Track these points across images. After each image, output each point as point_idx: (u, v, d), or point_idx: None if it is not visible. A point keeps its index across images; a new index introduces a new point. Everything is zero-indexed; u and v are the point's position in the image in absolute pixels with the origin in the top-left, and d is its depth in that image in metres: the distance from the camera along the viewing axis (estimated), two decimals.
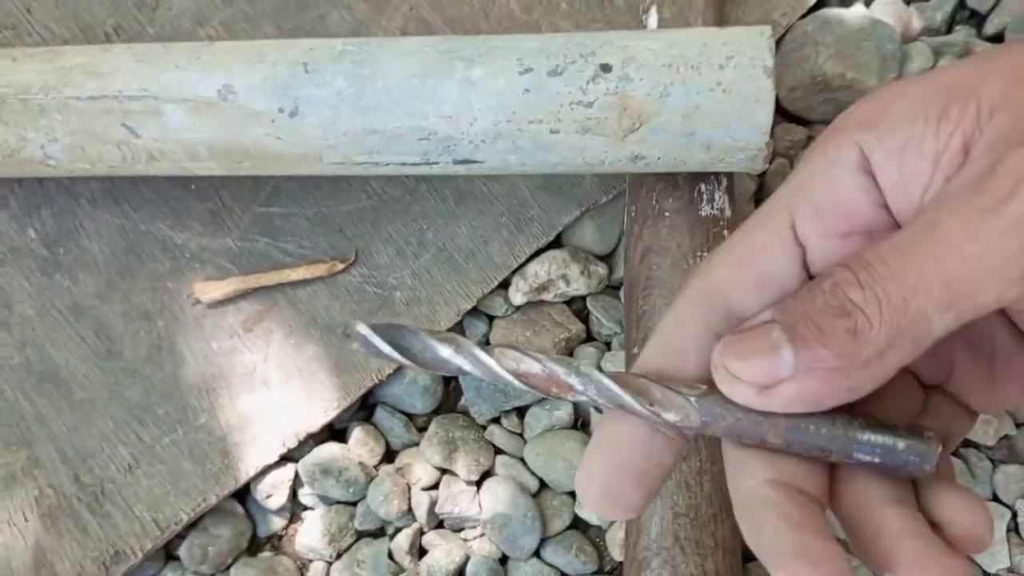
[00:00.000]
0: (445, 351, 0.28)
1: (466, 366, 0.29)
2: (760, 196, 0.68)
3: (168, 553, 0.64)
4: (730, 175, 0.61)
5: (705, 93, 0.52)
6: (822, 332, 0.25)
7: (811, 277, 0.29)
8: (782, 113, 0.70)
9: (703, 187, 0.60)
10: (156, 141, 0.58)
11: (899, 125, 0.26)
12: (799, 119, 0.70)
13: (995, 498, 0.62)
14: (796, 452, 0.28)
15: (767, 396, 0.26)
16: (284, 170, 0.59)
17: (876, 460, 0.27)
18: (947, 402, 0.31)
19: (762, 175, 0.68)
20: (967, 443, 0.63)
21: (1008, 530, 0.60)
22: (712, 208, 0.60)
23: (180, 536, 0.63)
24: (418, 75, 0.54)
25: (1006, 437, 0.62)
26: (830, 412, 0.27)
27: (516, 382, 0.28)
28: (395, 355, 0.28)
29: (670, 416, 0.28)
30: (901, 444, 0.27)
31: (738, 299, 0.28)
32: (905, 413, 0.31)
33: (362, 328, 0.28)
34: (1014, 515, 0.61)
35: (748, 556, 0.59)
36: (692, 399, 0.28)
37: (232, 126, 0.57)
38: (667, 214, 0.60)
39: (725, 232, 0.60)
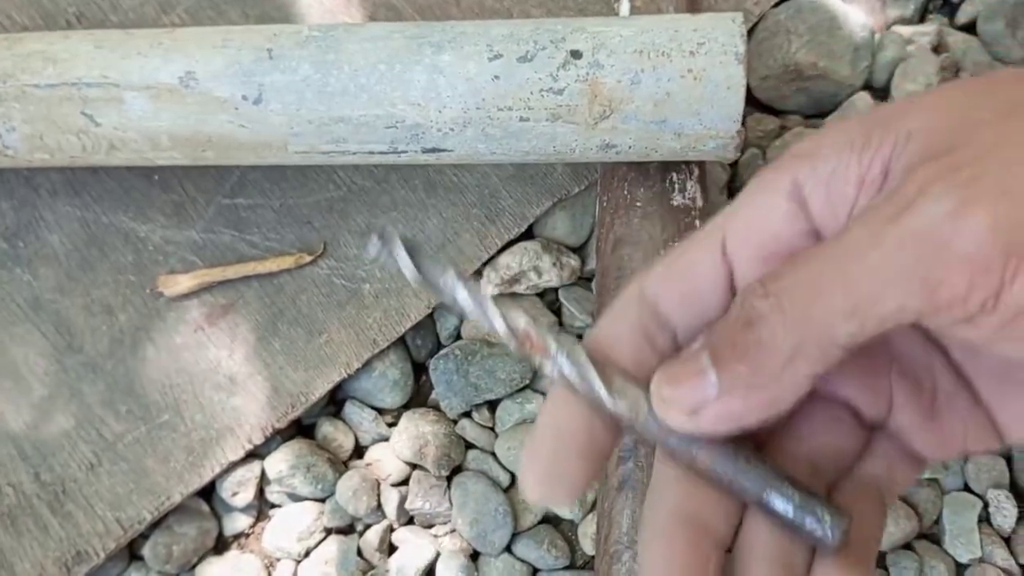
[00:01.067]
0: (450, 277, 0.29)
1: (462, 294, 0.29)
2: (732, 186, 0.68)
3: (132, 553, 0.62)
4: (701, 165, 0.61)
5: (676, 80, 0.51)
6: (735, 347, 0.26)
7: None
8: (754, 103, 0.69)
9: (675, 176, 0.60)
10: (117, 129, 0.56)
11: (830, 154, 0.27)
12: (771, 109, 0.69)
13: (966, 487, 0.62)
14: (718, 481, 0.28)
15: (695, 419, 0.27)
16: (248, 159, 0.58)
17: (788, 511, 0.27)
18: (891, 446, 0.31)
19: (734, 165, 0.67)
20: None
21: (979, 520, 0.60)
22: (684, 198, 0.59)
23: (144, 535, 0.62)
24: (385, 61, 0.53)
25: None
26: (761, 455, 0.28)
27: (501, 322, 0.29)
28: (407, 262, 0.29)
29: (621, 405, 0.27)
30: (815, 503, 0.27)
31: (666, 307, 0.29)
32: (844, 453, 0.31)
33: (389, 230, 0.29)
34: (985, 505, 0.61)
35: None
36: (645, 396, 0.27)
37: (194, 114, 0.55)
38: (639, 204, 0.59)
39: (697, 222, 0.60)
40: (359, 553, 0.61)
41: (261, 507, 0.63)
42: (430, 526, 0.63)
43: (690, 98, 0.51)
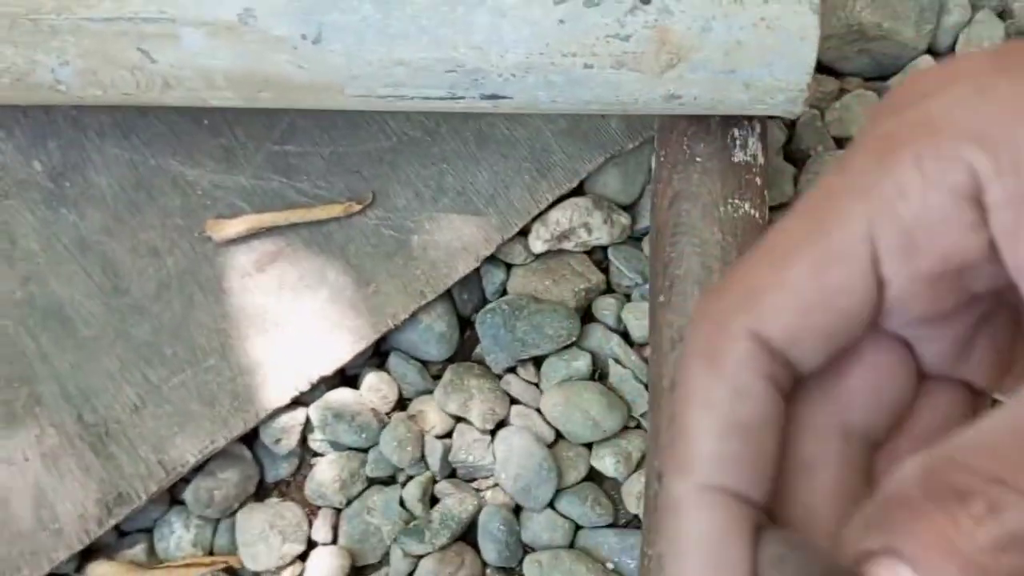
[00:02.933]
0: None
1: None
2: (789, 148, 0.66)
3: (173, 497, 0.62)
4: (763, 122, 0.60)
5: (748, 28, 0.50)
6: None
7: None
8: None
9: (736, 132, 0.58)
10: (172, 67, 0.56)
11: (1015, 133, 0.19)
12: (831, 70, 0.68)
13: None
14: None
15: None
16: (305, 102, 0.57)
17: None
18: (949, 391, 0.24)
19: (792, 125, 0.66)
20: None
21: None
22: (745, 154, 0.58)
23: (185, 480, 0.61)
24: (447, 2, 0.52)
25: None
26: None
27: None
28: None
29: None
30: None
31: (800, 355, 0.21)
32: (897, 402, 0.23)
33: None
34: None
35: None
36: None
37: (252, 52, 0.54)
38: (698, 159, 0.58)
39: (758, 180, 0.58)
40: (401, 504, 0.60)
41: (303, 455, 0.63)
42: (472, 479, 0.62)
43: (762, 47, 0.50)
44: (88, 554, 0.60)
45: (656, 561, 0.53)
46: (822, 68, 0.68)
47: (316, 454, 0.63)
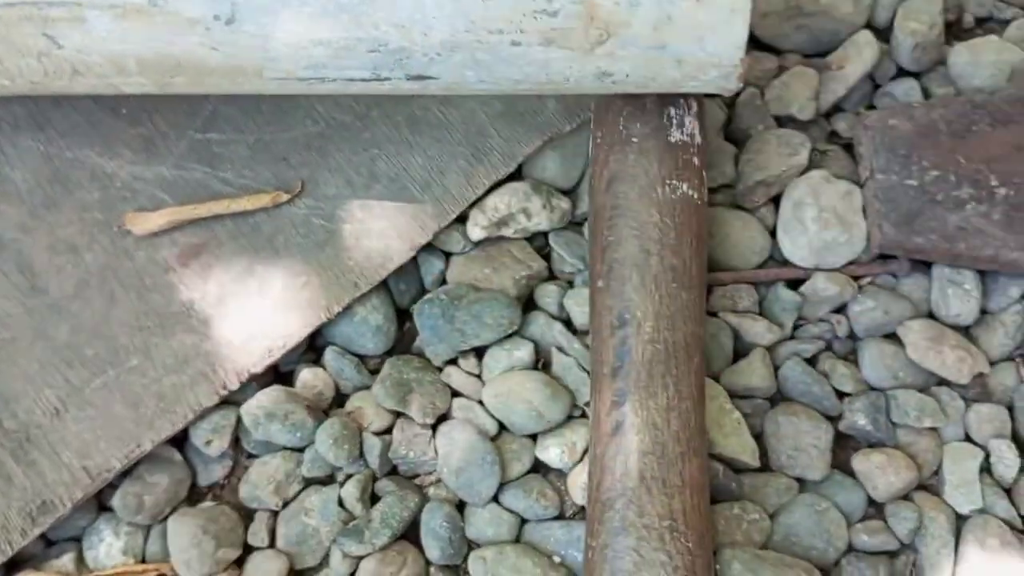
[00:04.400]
0: None
1: None
2: (730, 128, 0.65)
3: (101, 503, 0.59)
4: (700, 100, 0.58)
5: (678, 3, 0.48)
6: None
7: None
8: (753, 42, 0.67)
9: (672, 111, 0.57)
10: (80, 52, 0.53)
11: None
12: (770, 47, 0.66)
13: (967, 438, 0.60)
14: None
15: None
16: (221, 87, 0.54)
17: None
18: None
19: (732, 104, 0.65)
20: (939, 381, 0.61)
21: (980, 471, 0.58)
22: (682, 133, 0.57)
23: (113, 485, 0.59)
24: None
25: (980, 375, 0.60)
26: None
27: None
28: None
29: None
30: None
31: None
32: None
33: None
34: (986, 455, 0.59)
35: (716, 495, 0.56)
36: None
37: (163, 35, 0.52)
38: (635, 139, 0.56)
39: (695, 159, 0.57)
40: (340, 503, 0.58)
41: (237, 456, 0.61)
42: (414, 476, 0.60)
43: (693, 22, 0.48)
44: (13, 565, 0.57)
45: (599, 552, 0.51)
46: (760, 46, 0.67)
47: (250, 455, 0.61)
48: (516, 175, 0.63)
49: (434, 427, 0.60)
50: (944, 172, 0.59)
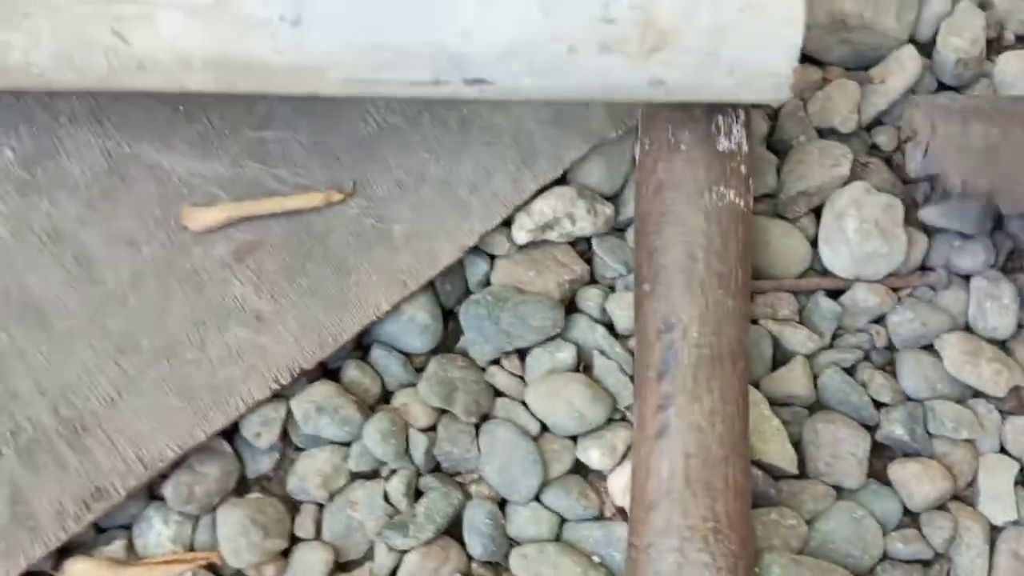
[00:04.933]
0: None
1: None
2: (772, 138, 0.66)
3: (152, 492, 0.61)
4: (747, 110, 0.59)
5: (733, 12, 0.50)
6: None
7: None
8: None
9: (720, 120, 0.58)
10: (147, 49, 0.54)
11: None
12: (814, 60, 0.68)
13: (1003, 450, 0.61)
14: None
15: None
16: (284, 87, 0.56)
17: None
18: None
19: (775, 115, 0.66)
20: (976, 393, 0.62)
21: (1015, 483, 0.59)
22: (730, 142, 0.58)
23: (164, 475, 0.60)
24: None
25: (1016, 388, 0.61)
26: None
27: None
28: None
29: None
30: None
31: None
32: None
33: None
34: (1022, 468, 0.60)
35: (754, 501, 0.57)
36: None
37: (230, 34, 0.53)
38: (683, 147, 0.58)
39: (742, 168, 0.58)
40: (385, 498, 0.59)
41: (285, 449, 0.62)
42: (457, 473, 0.62)
43: (747, 32, 0.49)
44: (65, 551, 0.59)
45: (643, 552, 0.52)
46: (805, 58, 0.68)
47: (298, 448, 0.62)
48: (562, 180, 0.65)
49: (477, 426, 0.61)
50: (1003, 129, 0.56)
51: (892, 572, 0.57)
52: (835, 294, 0.63)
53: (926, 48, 0.67)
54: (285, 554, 0.60)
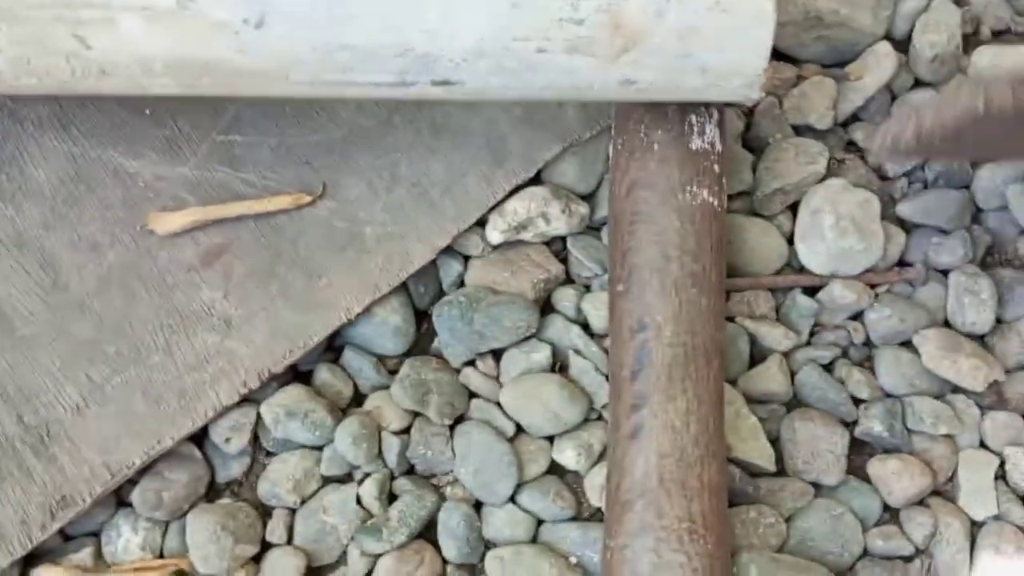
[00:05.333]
0: None
1: None
2: (748, 136, 0.65)
3: (120, 499, 0.60)
4: (720, 108, 0.59)
5: (702, 12, 0.49)
6: None
7: None
8: (772, 51, 0.67)
9: (694, 119, 0.57)
10: (109, 53, 0.53)
11: None
12: (789, 57, 0.67)
13: (982, 445, 0.61)
14: None
15: None
16: (248, 89, 0.55)
17: None
18: None
19: (751, 113, 0.65)
20: (955, 389, 0.61)
21: (996, 478, 0.59)
22: (703, 141, 0.57)
23: (132, 481, 0.59)
24: None
25: (995, 383, 0.61)
26: None
27: None
28: None
29: None
30: None
31: None
32: None
33: None
34: (1002, 463, 0.59)
35: (732, 499, 0.57)
36: None
37: (191, 38, 0.52)
38: (656, 146, 0.57)
39: (715, 167, 0.58)
40: (358, 502, 0.59)
41: (255, 454, 0.61)
42: (431, 476, 0.61)
43: (717, 31, 0.49)
44: (32, 559, 0.58)
45: (618, 553, 0.52)
46: (779, 55, 0.67)
47: (269, 453, 0.61)
48: (535, 180, 0.64)
49: (451, 428, 0.61)
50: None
51: (872, 569, 0.56)
52: (812, 291, 0.63)
53: (902, 44, 0.67)
54: (256, 560, 0.59)
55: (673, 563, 0.51)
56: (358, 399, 0.62)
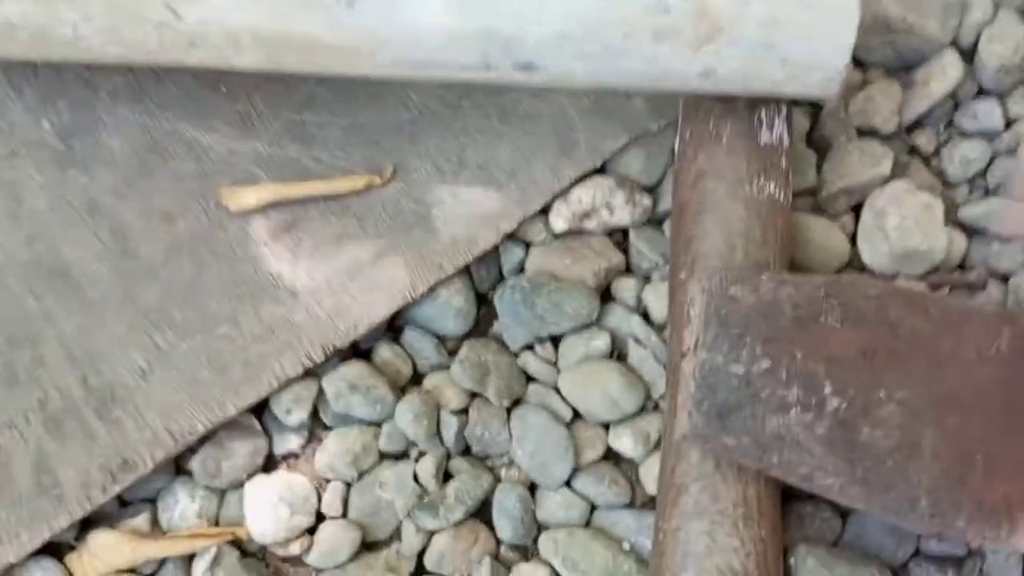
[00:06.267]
0: None
1: None
2: (812, 136, 0.66)
3: (178, 466, 0.61)
4: (790, 105, 0.59)
5: (787, 4, 0.50)
6: None
7: None
8: None
9: (763, 113, 0.58)
10: (199, 24, 0.54)
11: None
12: (856, 60, 0.68)
13: None
14: None
15: None
16: (333, 68, 0.56)
17: None
18: None
19: (817, 112, 0.66)
20: None
21: None
22: (771, 136, 0.58)
23: (191, 449, 0.60)
24: None
25: None
26: None
27: None
28: None
29: None
30: None
31: None
32: None
33: None
34: None
35: (790, 491, 0.57)
36: None
37: (283, 12, 0.53)
38: (724, 138, 0.58)
39: (783, 162, 0.58)
40: (415, 479, 0.59)
41: (313, 428, 0.62)
42: (487, 456, 0.61)
43: (802, 24, 0.50)
44: (89, 522, 0.59)
45: (671, 535, 0.52)
46: None
47: (327, 427, 0.62)
48: (601, 170, 0.65)
49: (509, 410, 0.61)
50: (776, 364, 0.49)
51: (926, 566, 0.56)
52: None
53: (968, 54, 0.68)
54: (311, 532, 0.59)
55: (727, 547, 0.51)
56: (417, 378, 0.63)
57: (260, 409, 0.61)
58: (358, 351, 0.63)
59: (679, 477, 0.53)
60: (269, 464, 0.61)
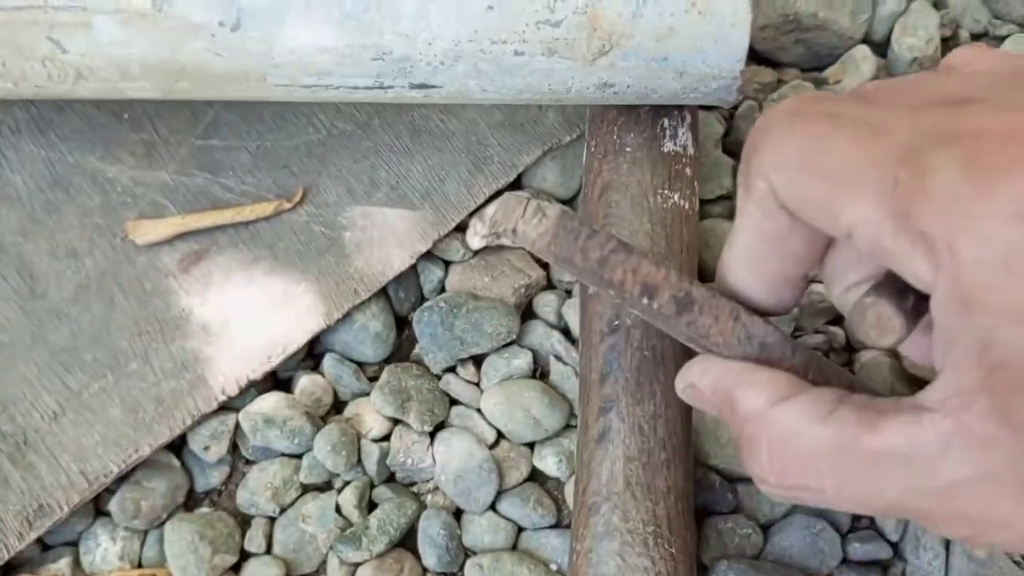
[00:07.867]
0: None
1: None
2: (728, 140, 0.65)
3: (98, 508, 0.59)
4: (694, 112, 0.59)
5: (680, 14, 0.49)
6: None
7: None
8: (751, 55, 0.67)
9: (666, 122, 0.57)
10: (84, 57, 0.53)
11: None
12: (768, 61, 0.67)
13: None
14: None
15: None
16: (225, 93, 0.55)
17: None
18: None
19: (731, 116, 0.65)
20: None
21: None
22: (675, 144, 0.57)
23: (110, 490, 0.59)
24: None
25: None
26: None
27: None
28: None
29: None
30: None
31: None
32: None
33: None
34: None
35: (711, 506, 0.57)
36: None
37: (167, 40, 0.52)
38: (628, 149, 0.57)
39: (688, 170, 0.57)
40: (337, 510, 0.58)
41: (234, 463, 0.61)
42: (412, 483, 0.60)
43: (694, 34, 0.49)
44: (9, 569, 0.57)
45: (584, 557, 0.51)
46: (759, 59, 0.67)
47: (248, 461, 0.61)
48: (516, 184, 0.64)
49: (432, 435, 0.60)
50: None
51: (849, 574, 0.56)
52: None
53: (881, 48, 0.67)
54: (235, 569, 0.58)
55: (638, 567, 0.50)
56: (338, 406, 0.62)
57: (180, 446, 0.60)
58: (279, 382, 0.62)
59: (590, 497, 0.52)
60: (190, 501, 0.60)
